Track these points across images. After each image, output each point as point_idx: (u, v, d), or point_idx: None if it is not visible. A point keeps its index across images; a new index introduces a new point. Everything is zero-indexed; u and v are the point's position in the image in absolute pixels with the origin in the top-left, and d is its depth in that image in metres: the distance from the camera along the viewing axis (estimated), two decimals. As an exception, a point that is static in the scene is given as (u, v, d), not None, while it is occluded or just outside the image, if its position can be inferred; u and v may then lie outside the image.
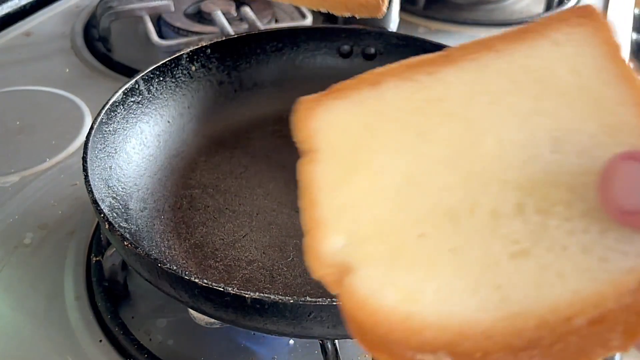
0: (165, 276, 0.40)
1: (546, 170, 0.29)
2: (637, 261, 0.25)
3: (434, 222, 0.28)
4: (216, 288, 0.38)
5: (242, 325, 0.41)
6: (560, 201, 0.28)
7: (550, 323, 0.24)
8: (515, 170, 0.29)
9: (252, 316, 0.39)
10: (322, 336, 0.43)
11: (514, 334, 0.24)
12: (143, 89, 0.57)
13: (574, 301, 0.25)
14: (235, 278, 0.47)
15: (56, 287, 0.53)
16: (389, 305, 0.26)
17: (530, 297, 0.25)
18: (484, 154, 0.30)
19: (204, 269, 0.48)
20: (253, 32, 0.65)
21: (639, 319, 0.24)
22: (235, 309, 0.39)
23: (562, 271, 0.26)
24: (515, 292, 0.25)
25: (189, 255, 0.49)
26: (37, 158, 0.67)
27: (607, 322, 0.24)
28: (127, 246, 0.41)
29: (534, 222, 0.27)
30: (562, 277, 0.25)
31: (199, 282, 0.39)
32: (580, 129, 0.30)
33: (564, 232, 0.27)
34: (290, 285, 0.47)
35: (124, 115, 0.55)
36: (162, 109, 0.58)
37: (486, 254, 0.27)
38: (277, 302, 0.38)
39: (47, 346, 0.49)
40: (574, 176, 0.28)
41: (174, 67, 0.59)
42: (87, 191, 0.45)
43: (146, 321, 0.51)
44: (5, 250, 0.56)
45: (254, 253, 0.49)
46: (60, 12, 0.96)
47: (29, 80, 0.80)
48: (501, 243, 0.27)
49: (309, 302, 0.37)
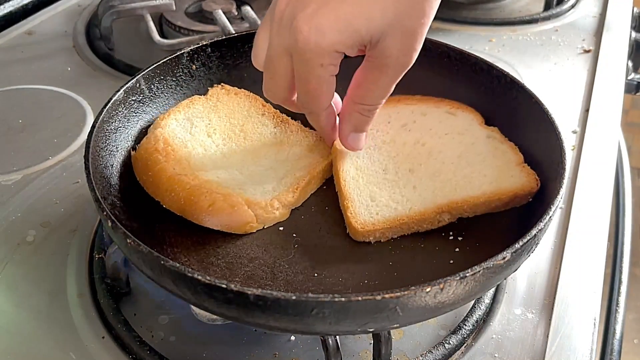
0: (168, 273, 0.40)
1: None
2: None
3: (396, 171, 0.55)
4: (219, 285, 0.38)
5: (244, 321, 0.42)
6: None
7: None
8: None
9: (254, 313, 0.39)
10: (324, 332, 0.43)
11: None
12: (144, 88, 0.57)
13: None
14: (236, 275, 0.48)
15: (59, 284, 0.53)
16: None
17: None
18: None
19: (206, 266, 0.48)
20: (254, 31, 0.65)
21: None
22: (238, 305, 0.39)
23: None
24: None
25: (191, 252, 0.49)
26: (40, 156, 0.67)
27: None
28: (130, 244, 0.42)
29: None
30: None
31: (201, 279, 0.39)
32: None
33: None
34: (291, 282, 0.47)
35: (125, 114, 0.55)
36: (163, 107, 0.59)
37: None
38: (279, 298, 0.38)
39: (50, 343, 0.49)
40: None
41: (175, 66, 0.60)
42: (89, 189, 0.46)
43: (148, 318, 0.51)
44: (8, 247, 0.57)
45: (255, 250, 0.50)
46: (62, 11, 0.96)
47: (31, 79, 0.80)
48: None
49: (311, 299, 0.38)
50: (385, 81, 0.48)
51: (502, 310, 0.52)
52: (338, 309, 0.38)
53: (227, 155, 0.55)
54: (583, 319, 0.52)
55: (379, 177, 0.54)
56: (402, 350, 0.49)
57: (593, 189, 0.65)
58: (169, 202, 0.50)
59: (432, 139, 0.58)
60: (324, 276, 0.48)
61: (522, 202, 0.52)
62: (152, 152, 0.52)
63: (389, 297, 0.37)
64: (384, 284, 0.47)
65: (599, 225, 0.61)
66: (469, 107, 0.60)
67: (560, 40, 0.92)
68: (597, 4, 1.02)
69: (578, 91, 0.81)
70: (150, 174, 0.51)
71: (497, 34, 0.93)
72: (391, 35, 0.45)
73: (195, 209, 0.49)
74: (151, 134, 0.55)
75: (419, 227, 0.51)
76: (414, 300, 0.38)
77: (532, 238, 0.42)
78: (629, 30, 0.96)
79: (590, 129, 0.73)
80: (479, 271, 0.39)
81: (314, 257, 0.49)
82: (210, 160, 0.54)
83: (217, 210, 0.49)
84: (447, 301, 0.40)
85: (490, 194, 0.52)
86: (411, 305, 0.39)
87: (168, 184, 0.50)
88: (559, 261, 0.57)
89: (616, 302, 0.80)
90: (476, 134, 0.57)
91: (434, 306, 0.40)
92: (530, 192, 0.51)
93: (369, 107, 0.50)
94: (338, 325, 0.39)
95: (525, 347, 0.50)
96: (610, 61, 0.86)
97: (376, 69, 0.47)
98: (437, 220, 0.51)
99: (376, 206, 0.52)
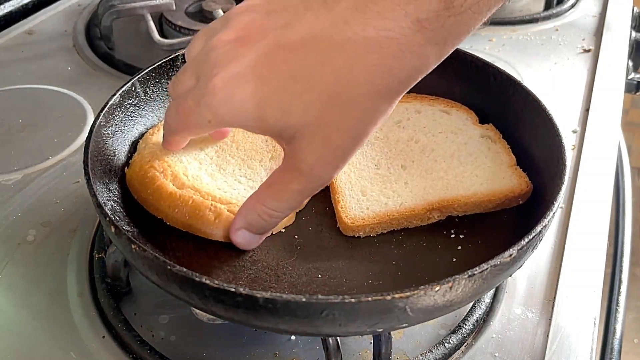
0: (174, 278, 0.40)
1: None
2: None
3: (387, 165, 0.56)
4: (227, 289, 0.38)
5: (252, 325, 0.41)
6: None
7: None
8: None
9: (263, 316, 0.38)
10: (333, 334, 0.43)
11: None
12: (140, 91, 0.56)
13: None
14: (240, 278, 0.47)
15: (59, 284, 0.53)
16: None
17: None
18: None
19: (209, 270, 0.47)
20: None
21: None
22: (247, 309, 0.38)
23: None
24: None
25: (192, 257, 0.49)
26: (40, 156, 0.67)
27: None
28: (135, 249, 0.41)
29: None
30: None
31: (210, 283, 0.38)
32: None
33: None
34: (295, 284, 0.47)
35: (121, 118, 0.54)
36: (159, 110, 0.58)
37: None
38: (289, 301, 0.37)
39: (50, 342, 0.49)
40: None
41: (170, 69, 0.59)
42: (90, 195, 0.45)
43: (149, 317, 0.51)
44: (9, 247, 0.57)
45: (257, 253, 0.49)
46: (62, 11, 0.96)
47: (31, 79, 0.80)
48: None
49: (321, 300, 0.37)
50: (295, 188, 0.42)
51: (502, 310, 0.52)
52: (348, 310, 0.37)
53: (223, 167, 0.54)
54: (583, 318, 0.52)
55: (371, 172, 0.55)
56: (402, 350, 0.49)
57: (593, 189, 0.65)
58: (172, 219, 0.49)
59: (425, 136, 0.58)
60: (328, 277, 0.47)
61: (512, 205, 0.52)
62: (148, 170, 0.51)
63: (399, 297, 0.37)
64: (388, 284, 0.47)
65: (599, 225, 0.61)
66: (464, 106, 0.61)
67: (560, 40, 0.92)
68: (597, 3, 1.02)
69: (578, 91, 0.80)
70: (149, 191, 0.50)
71: (497, 34, 0.93)
72: (307, 140, 0.40)
73: (202, 223, 0.48)
74: (143, 150, 0.54)
75: (408, 223, 0.51)
76: (424, 299, 0.38)
77: (537, 234, 0.43)
78: (629, 30, 0.96)
79: (590, 129, 0.73)
80: (487, 269, 0.39)
81: (317, 259, 0.49)
82: (208, 173, 0.53)
83: (225, 222, 0.48)
84: (456, 299, 0.40)
85: (481, 194, 0.52)
86: (421, 304, 0.38)
87: (170, 201, 0.49)
88: (559, 261, 0.57)
89: (616, 302, 0.80)
90: (470, 133, 0.58)
91: (443, 305, 0.40)
92: (521, 195, 0.52)
93: (270, 213, 0.44)
94: (347, 326, 0.39)
95: (526, 347, 0.50)
96: (611, 61, 0.86)
97: (288, 171, 0.42)
98: (427, 217, 0.52)
99: (367, 201, 0.52)
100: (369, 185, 0.54)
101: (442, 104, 0.61)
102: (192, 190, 0.50)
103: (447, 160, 0.55)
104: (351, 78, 0.38)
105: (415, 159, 0.56)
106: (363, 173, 0.55)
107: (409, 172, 0.55)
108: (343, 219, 0.51)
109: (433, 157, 0.56)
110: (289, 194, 0.43)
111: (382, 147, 0.57)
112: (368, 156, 0.56)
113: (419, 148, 0.57)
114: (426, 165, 0.55)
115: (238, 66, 0.40)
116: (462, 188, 0.53)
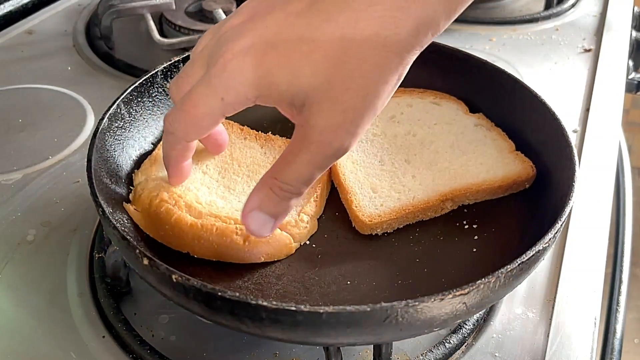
0: (226, 305, 0.37)
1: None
2: None
3: (393, 162, 0.56)
4: (288, 308, 0.36)
5: (313, 343, 0.40)
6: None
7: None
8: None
9: (324, 331, 0.37)
10: (392, 339, 0.42)
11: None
12: (124, 113, 0.54)
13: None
14: (269, 295, 0.45)
15: (59, 284, 0.53)
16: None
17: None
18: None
19: (235, 289, 0.45)
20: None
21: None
22: (307, 326, 0.37)
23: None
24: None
25: (213, 278, 0.46)
26: (40, 156, 0.67)
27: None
28: (176, 279, 0.38)
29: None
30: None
31: (268, 305, 0.36)
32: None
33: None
34: (326, 294, 0.45)
35: (111, 143, 0.52)
36: (144, 130, 0.56)
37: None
38: (353, 312, 0.36)
39: (50, 342, 0.49)
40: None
41: (150, 86, 0.57)
42: (101, 219, 0.44)
43: (148, 317, 0.51)
44: (9, 247, 0.57)
45: (279, 267, 0.48)
46: (62, 11, 0.96)
47: (31, 78, 0.80)
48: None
49: (385, 307, 0.36)
50: (305, 158, 0.40)
51: (503, 310, 0.52)
52: (412, 313, 0.37)
53: (232, 187, 0.53)
54: (583, 318, 0.52)
55: (377, 168, 0.55)
56: (403, 350, 0.49)
57: (593, 189, 0.65)
58: (199, 251, 0.47)
59: (422, 129, 0.59)
60: (357, 283, 0.47)
61: (519, 189, 0.54)
62: (160, 204, 0.48)
63: (460, 294, 0.37)
64: (418, 282, 0.47)
65: (599, 225, 0.61)
66: (452, 97, 0.62)
67: (560, 40, 0.92)
68: (598, 3, 1.02)
69: (578, 90, 0.80)
70: (168, 227, 0.47)
71: (498, 33, 0.93)
72: (317, 104, 0.38)
73: (232, 249, 0.47)
74: (146, 183, 0.51)
75: (423, 215, 0.52)
76: (481, 293, 0.38)
77: (556, 232, 0.44)
78: (629, 30, 0.95)
79: (590, 129, 0.73)
80: (532, 255, 0.41)
81: (340, 265, 0.49)
82: (220, 196, 0.52)
83: (254, 243, 0.47)
84: (502, 291, 0.41)
85: (490, 181, 0.53)
86: (478, 298, 0.39)
87: (193, 233, 0.47)
88: (559, 261, 0.57)
89: (617, 302, 0.80)
90: (463, 122, 0.59)
91: (493, 297, 0.40)
92: (527, 179, 0.53)
93: (282, 186, 0.41)
94: (409, 330, 0.38)
95: (526, 347, 0.50)
96: (611, 60, 0.86)
97: (298, 141, 0.40)
98: (440, 208, 0.53)
99: (379, 197, 0.52)
100: (377, 182, 0.54)
101: (431, 96, 0.62)
102: (212, 218, 0.48)
103: (448, 151, 0.56)
104: (356, 32, 0.37)
105: (417, 152, 0.57)
106: (369, 170, 0.55)
107: (414, 166, 0.55)
108: (360, 218, 0.51)
109: (434, 148, 0.57)
110: (299, 165, 0.40)
111: (382, 143, 0.58)
112: (370, 153, 0.57)
113: (417, 141, 0.58)
114: (429, 157, 0.56)
115: (247, 39, 0.39)
116: (470, 177, 0.54)
